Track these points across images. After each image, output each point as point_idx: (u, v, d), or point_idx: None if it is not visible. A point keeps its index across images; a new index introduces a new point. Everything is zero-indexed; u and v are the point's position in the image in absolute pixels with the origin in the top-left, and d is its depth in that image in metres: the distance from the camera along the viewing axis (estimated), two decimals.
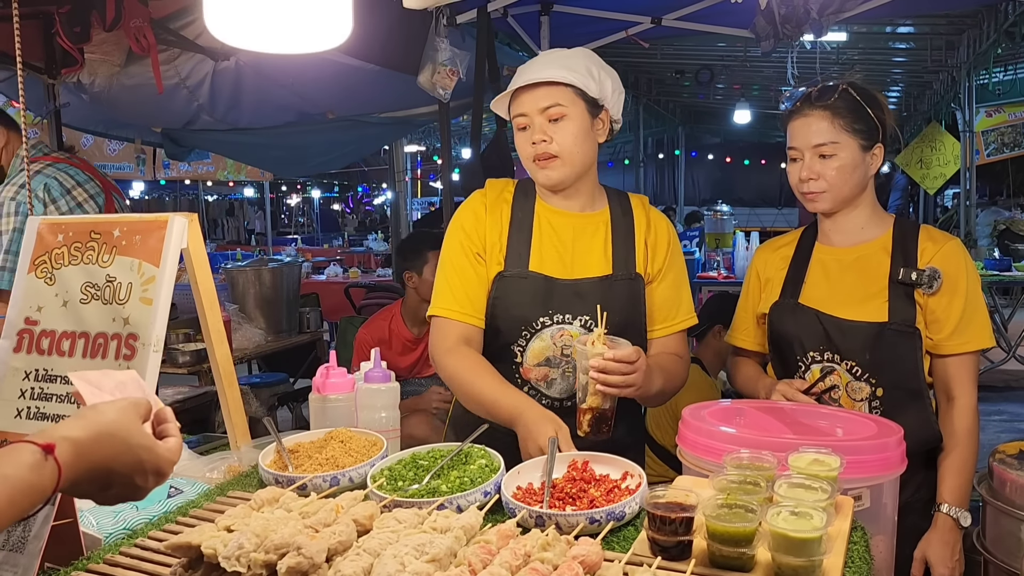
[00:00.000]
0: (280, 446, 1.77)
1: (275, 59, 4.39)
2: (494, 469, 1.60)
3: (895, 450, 1.60)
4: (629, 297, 2.04)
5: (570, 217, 2.06)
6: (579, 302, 1.99)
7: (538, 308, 2.00)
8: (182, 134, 5.96)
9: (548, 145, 1.95)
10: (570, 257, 2.03)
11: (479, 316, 2.02)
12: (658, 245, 2.10)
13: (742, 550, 1.25)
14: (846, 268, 2.07)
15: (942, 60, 8.49)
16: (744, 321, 2.28)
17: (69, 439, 0.97)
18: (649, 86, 11.70)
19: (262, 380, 5.20)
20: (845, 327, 2.00)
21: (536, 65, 2.01)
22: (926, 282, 1.95)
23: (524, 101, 1.98)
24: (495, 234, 2.05)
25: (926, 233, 2.06)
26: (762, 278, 2.23)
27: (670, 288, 2.10)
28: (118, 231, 1.91)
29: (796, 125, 2.04)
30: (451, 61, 3.89)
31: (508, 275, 2.02)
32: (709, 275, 8.48)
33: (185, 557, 1.28)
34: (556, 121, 1.95)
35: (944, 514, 1.92)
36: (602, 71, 2.02)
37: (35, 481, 0.92)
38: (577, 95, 1.96)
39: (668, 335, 2.11)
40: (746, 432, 1.65)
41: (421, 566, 1.18)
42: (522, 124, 2.00)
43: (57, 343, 1.90)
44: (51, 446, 0.94)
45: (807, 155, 2.01)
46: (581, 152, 1.98)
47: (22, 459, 0.91)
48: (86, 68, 4.13)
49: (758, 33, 4.34)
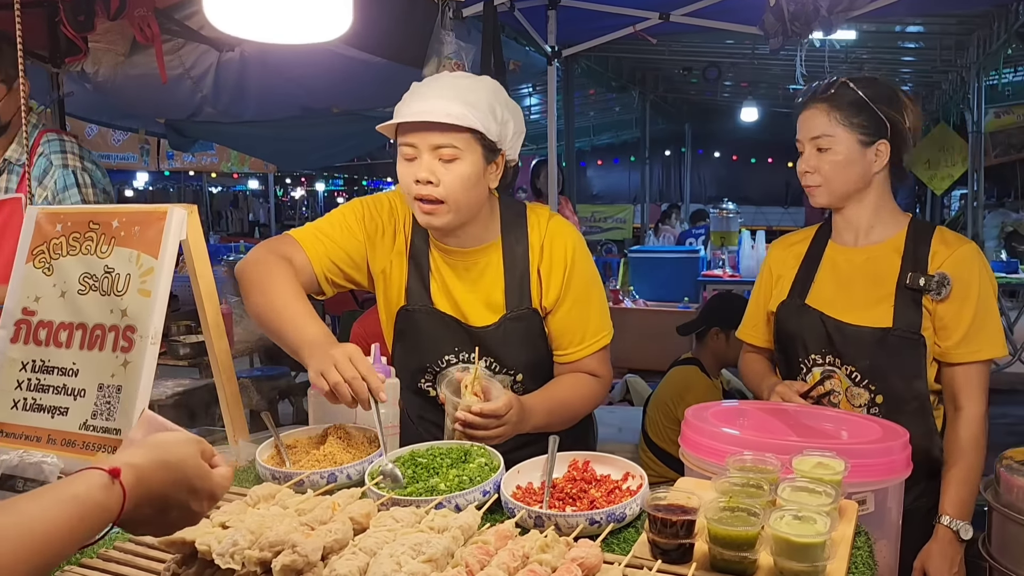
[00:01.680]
0: (278, 441, 1.75)
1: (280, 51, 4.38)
2: (493, 468, 1.58)
3: (900, 454, 1.58)
4: (526, 334, 1.97)
5: (460, 256, 1.97)
6: (481, 345, 1.93)
7: (444, 345, 1.98)
8: (186, 125, 5.95)
9: (434, 188, 1.80)
10: (464, 299, 1.97)
11: (322, 265, 1.94)
12: (552, 272, 1.96)
13: (744, 554, 1.23)
14: (856, 269, 2.04)
15: (952, 60, 8.44)
16: (755, 317, 2.25)
17: (132, 465, 1.00)
18: (656, 83, 11.67)
19: (263, 373, 5.18)
20: (847, 331, 1.97)
21: (431, 93, 1.81)
22: (934, 288, 1.91)
23: (413, 134, 1.80)
24: (399, 257, 1.99)
25: (940, 236, 2.00)
26: (774, 274, 2.19)
27: (570, 313, 1.97)
28: (117, 222, 1.89)
29: (800, 118, 2.04)
30: (457, 54, 3.87)
31: (412, 309, 1.98)
32: (714, 273, 8.46)
33: (179, 553, 1.26)
34: (447, 162, 1.79)
35: (944, 526, 1.88)
36: (505, 111, 1.86)
37: (104, 502, 0.95)
38: (474, 139, 1.80)
39: (579, 359, 2.00)
40: (749, 434, 1.63)
41: (417, 566, 1.16)
42: (409, 155, 1.83)
43: (55, 334, 1.88)
44: (117, 470, 0.97)
45: (807, 148, 2.01)
46: (468, 198, 1.84)
47: (92, 481, 0.95)
48: (90, 57, 4.11)
49: (767, 30, 4.31)
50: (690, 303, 8.25)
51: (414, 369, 1.98)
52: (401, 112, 1.82)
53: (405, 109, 1.82)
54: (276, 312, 1.80)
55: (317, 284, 1.96)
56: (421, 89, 1.85)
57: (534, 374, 2.01)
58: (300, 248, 1.94)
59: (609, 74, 9.49)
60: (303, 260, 1.93)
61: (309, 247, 1.94)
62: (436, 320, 1.97)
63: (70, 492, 0.93)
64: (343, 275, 2.00)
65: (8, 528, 0.85)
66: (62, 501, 0.91)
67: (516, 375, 2.01)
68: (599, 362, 2.02)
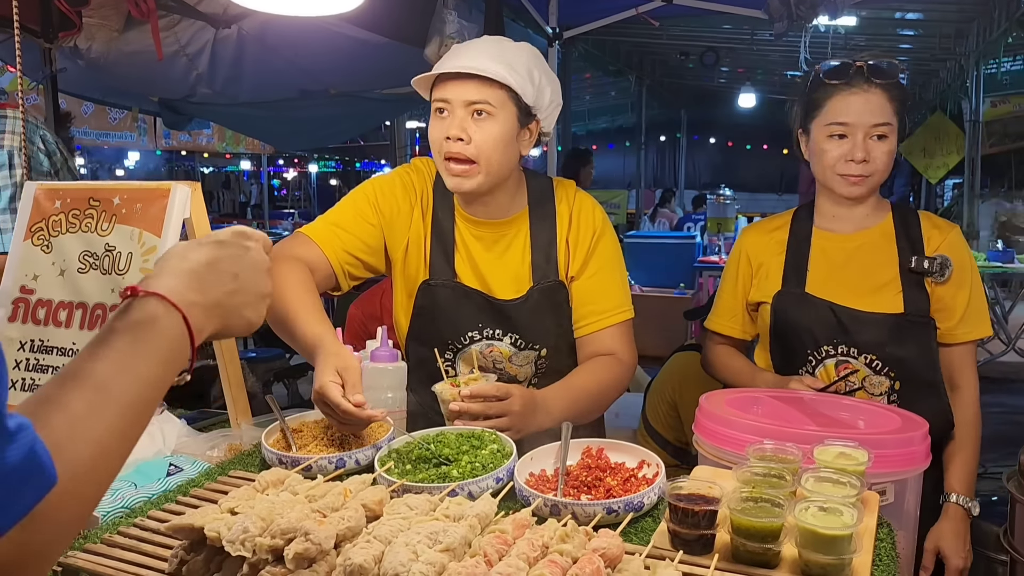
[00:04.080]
0: (283, 425, 1.71)
1: (278, 28, 4.31)
2: (506, 455, 1.54)
3: (920, 444, 1.55)
4: (552, 307, 1.94)
5: (488, 227, 1.95)
6: (507, 321, 1.91)
7: (467, 321, 1.93)
8: (181, 103, 5.88)
9: (465, 146, 1.77)
10: (491, 272, 1.94)
11: (339, 259, 1.89)
12: (580, 241, 1.94)
13: (768, 546, 1.21)
14: (850, 256, 1.99)
15: (951, 48, 8.41)
16: (729, 307, 2.16)
17: (161, 281, 0.93)
18: (653, 68, 11.62)
19: (258, 355, 5.13)
20: (863, 319, 1.92)
21: (472, 51, 1.80)
22: (937, 270, 1.90)
23: (449, 88, 1.78)
24: (419, 233, 1.95)
25: (928, 221, 2.00)
26: (753, 263, 2.11)
27: (592, 279, 1.94)
28: (118, 199, 1.84)
29: (851, 100, 1.89)
30: (459, 34, 3.82)
31: (434, 284, 1.94)
32: (711, 259, 8.43)
33: (187, 539, 1.23)
34: (480, 118, 1.77)
35: (955, 504, 1.89)
36: (544, 76, 1.85)
37: (168, 320, 0.89)
38: (509, 98, 1.78)
39: (598, 330, 1.94)
40: (767, 422, 1.60)
41: (435, 555, 1.12)
42: (442, 107, 1.80)
43: (54, 313, 1.83)
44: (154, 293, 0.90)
45: (860, 134, 1.87)
46: (500, 160, 1.81)
47: (148, 309, 0.88)
48: (84, 33, 4.05)
49: (772, 14, 4.27)
50: (686, 289, 8.23)
51: (434, 346, 1.91)
52: (439, 66, 1.81)
53: (443, 63, 1.80)
54: (283, 320, 1.73)
55: (335, 279, 1.92)
56: (460, 48, 1.83)
57: (558, 348, 1.97)
58: (314, 245, 1.89)
59: (606, 58, 9.43)
60: (318, 256, 1.88)
61: (324, 243, 1.89)
62: (459, 294, 1.93)
63: (131, 320, 0.86)
64: (362, 265, 1.95)
65: (96, 376, 0.79)
66: (132, 328, 0.85)
67: (540, 350, 1.96)
68: (620, 340, 1.95)
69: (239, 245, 1.04)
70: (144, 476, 1.59)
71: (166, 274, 0.94)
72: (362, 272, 1.97)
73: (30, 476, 0.68)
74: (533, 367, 1.98)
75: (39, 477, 0.68)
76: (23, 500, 0.67)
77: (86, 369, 0.80)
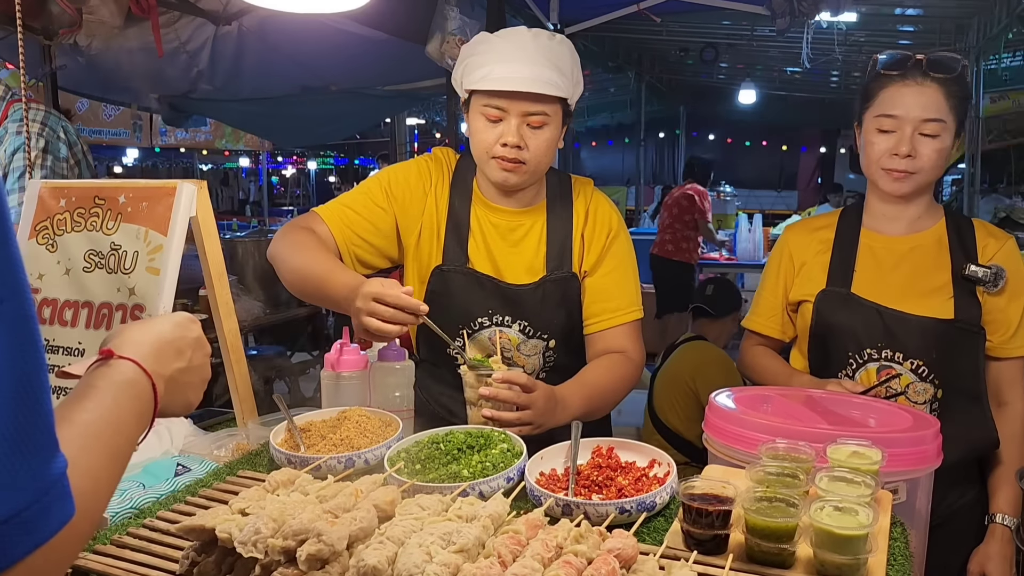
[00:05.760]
0: (291, 425, 1.70)
1: (278, 25, 4.29)
2: (516, 454, 1.54)
3: (932, 443, 1.54)
4: (563, 297, 1.95)
5: (507, 215, 1.97)
6: (517, 307, 1.92)
7: (478, 306, 1.93)
8: (181, 100, 5.86)
9: (520, 152, 1.81)
10: (504, 260, 1.95)
11: (344, 237, 1.92)
12: (595, 237, 1.97)
13: (783, 546, 1.20)
14: (901, 259, 1.92)
15: (951, 44, 8.38)
16: (770, 306, 2.09)
17: (126, 343, 0.98)
18: (652, 63, 11.57)
19: (259, 353, 5.11)
20: (912, 323, 1.83)
21: (524, 59, 1.77)
22: (991, 280, 1.82)
23: (503, 97, 1.79)
24: (432, 219, 1.96)
25: (984, 228, 1.93)
26: (796, 261, 2.04)
27: (606, 277, 1.97)
28: (123, 197, 1.83)
29: (904, 92, 1.82)
30: (460, 30, 3.81)
31: (447, 269, 1.94)
32: (711, 256, 8.43)
33: (198, 540, 1.22)
34: (535, 128, 1.81)
35: (1002, 525, 1.83)
36: (576, 68, 1.87)
37: (135, 378, 0.94)
38: (560, 105, 1.84)
39: (610, 328, 1.96)
40: (778, 421, 1.59)
41: (449, 556, 1.11)
42: (495, 117, 1.81)
43: (59, 312, 1.82)
44: (109, 351, 0.95)
45: (908, 128, 1.80)
46: (547, 161, 1.89)
47: (117, 367, 0.93)
48: (84, 29, 4.01)
49: (774, 10, 4.27)
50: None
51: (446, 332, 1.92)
52: (491, 77, 1.78)
53: (495, 73, 1.78)
54: (306, 277, 1.80)
55: (340, 258, 1.92)
56: (505, 49, 1.80)
57: (567, 341, 1.98)
58: (322, 221, 1.92)
59: (606, 54, 9.40)
60: (325, 233, 1.91)
61: (331, 219, 1.92)
62: (471, 280, 1.94)
63: (113, 380, 0.91)
64: (370, 248, 1.96)
65: (90, 425, 0.82)
66: (114, 388, 0.90)
67: (549, 340, 1.96)
68: (630, 339, 1.97)
69: (189, 328, 1.10)
70: (152, 476, 1.58)
71: (132, 343, 0.99)
72: (372, 257, 1.98)
73: (60, 499, 0.68)
74: (541, 359, 1.97)
75: (64, 502, 0.69)
76: (49, 525, 0.67)
77: (75, 419, 0.82)
